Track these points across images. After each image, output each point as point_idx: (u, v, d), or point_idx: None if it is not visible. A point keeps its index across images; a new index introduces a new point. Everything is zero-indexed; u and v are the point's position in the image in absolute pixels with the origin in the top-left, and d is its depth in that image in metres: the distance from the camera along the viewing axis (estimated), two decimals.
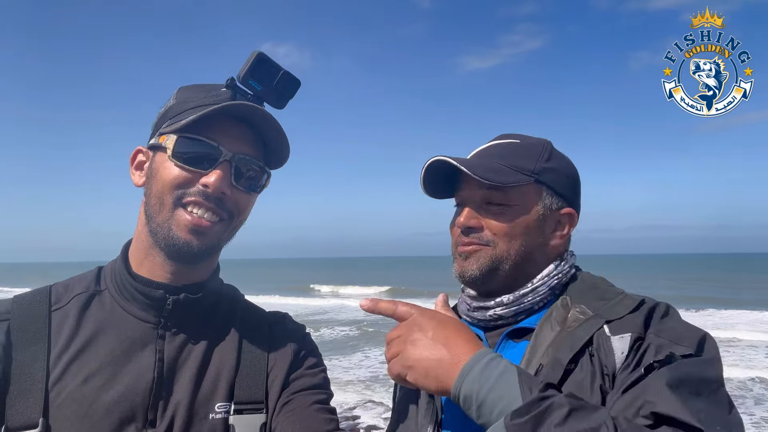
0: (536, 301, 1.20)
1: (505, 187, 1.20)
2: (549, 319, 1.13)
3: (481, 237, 1.21)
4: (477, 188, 1.22)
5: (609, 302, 1.11)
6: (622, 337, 1.01)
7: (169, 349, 1.05)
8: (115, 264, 1.13)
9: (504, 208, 1.21)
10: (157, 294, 1.06)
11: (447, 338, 0.98)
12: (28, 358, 0.99)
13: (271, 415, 1.07)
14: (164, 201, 1.03)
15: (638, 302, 1.09)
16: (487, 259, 1.20)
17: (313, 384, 1.13)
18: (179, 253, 1.05)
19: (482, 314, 1.23)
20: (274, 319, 1.23)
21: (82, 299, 1.08)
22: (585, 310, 1.11)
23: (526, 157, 1.24)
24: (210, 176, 1.02)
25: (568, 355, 1.02)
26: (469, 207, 1.24)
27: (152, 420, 0.99)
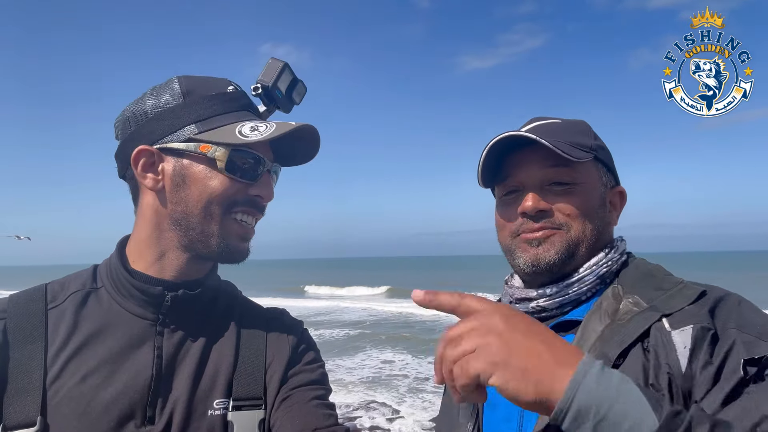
0: (583, 291, 1.12)
1: (574, 164, 1.12)
2: (598, 310, 1.04)
3: (553, 221, 1.13)
4: (539, 168, 1.14)
5: (666, 292, 1.01)
6: (683, 330, 0.91)
7: (168, 345, 1.05)
8: (110, 261, 1.12)
9: (572, 187, 1.13)
10: (156, 291, 1.05)
11: (542, 333, 0.74)
12: (24, 357, 0.99)
13: (270, 411, 1.07)
14: (212, 211, 1.05)
15: (700, 292, 0.98)
16: (564, 243, 1.12)
17: (312, 379, 1.13)
18: (230, 259, 1.10)
19: (525, 306, 1.16)
20: (272, 315, 1.23)
21: (78, 297, 1.08)
22: (639, 301, 1.01)
23: (582, 134, 1.18)
24: (261, 187, 1.09)
25: (617, 351, 0.93)
26: (533, 189, 1.14)
27: (151, 417, 0.99)
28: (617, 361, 0.92)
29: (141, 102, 1.09)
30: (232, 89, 1.11)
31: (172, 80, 1.09)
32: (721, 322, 0.92)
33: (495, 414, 1.11)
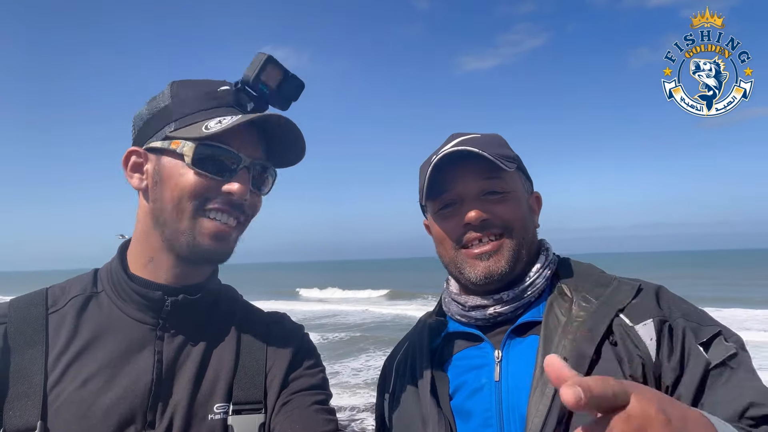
0: (534, 293, 1.19)
1: (504, 174, 1.19)
2: (552, 310, 1.13)
3: (495, 229, 1.19)
4: (474, 180, 1.20)
5: (608, 288, 1.14)
6: (645, 324, 1.04)
7: (168, 350, 1.05)
8: (111, 265, 1.13)
9: (505, 195, 1.20)
10: (156, 295, 1.05)
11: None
12: (25, 362, 0.99)
13: (270, 415, 1.07)
14: (183, 208, 1.03)
15: (637, 287, 1.13)
16: (510, 251, 1.18)
17: (312, 384, 1.13)
18: (204, 258, 1.06)
19: (481, 313, 1.20)
20: (273, 319, 1.22)
21: (79, 301, 1.08)
22: (588, 298, 1.11)
23: (503, 147, 1.26)
24: (233, 184, 1.04)
25: (592, 347, 1.02)
26: (470, 201, 1.20)
27: (151, 421, 0.99)
28: (593, 356, 1.02)
29: (143, 108, 1.12)
30: (223, 89, 1.09)
31: (168, 84, 1.11)
32: (668, 312, 1.07)
33: (470, 422, 1.13)
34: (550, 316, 1.12)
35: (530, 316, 1.17)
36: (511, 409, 1.08)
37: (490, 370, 1.15)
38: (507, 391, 1.10)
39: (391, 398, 1.29)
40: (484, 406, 1.12)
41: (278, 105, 1.14)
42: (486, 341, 1.19)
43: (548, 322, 1.11)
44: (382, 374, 1.39)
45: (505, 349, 1.16)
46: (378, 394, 1.38)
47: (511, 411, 1.08)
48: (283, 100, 1.14)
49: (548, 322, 1.11)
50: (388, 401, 1.31)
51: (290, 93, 1.14)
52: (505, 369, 1.13)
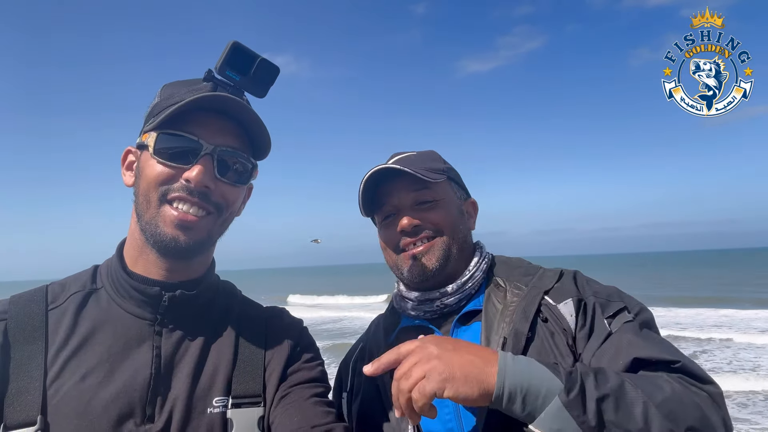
0: (474, 286, 1.35)
1: (432, 184, 1.36)
2: (490, 299, 1.29)
3: (427, 232, 1.35)
4: (406, 193, 1.36)
5: (535, 276, 1.32)
6: (566, 303, 1.21)
7: (166, 345, 1.06)
8: (110, 262, 1.14)
9: (435, 203, 1.37)
10: (153, 291, 1.06)
11: (467, 345, 1.01)
12: (25, 357, 0.99)
13: (269, 409, 1.07)
14: (150, 198, 1.04)
15: (559, 273, 1.31)
16: (440, 249, 1.34)
17: (311, 377, 1.13)
18: (168, 249, 1.05)
19: (429, 306, 1.35)
20: (271, 313, 1.23)
21: (78, 297, 1.08)
22: (519, 286, 1.29)
23: (433, 161, 1.44)
24: (192, 171, 1.03)
25: (527, 326, 1.18)
26: (404, 211, 1.36)
27: (150, 415, 0.99)
28: (528, 335, 1.17)
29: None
30: (203, 85, 1.08)
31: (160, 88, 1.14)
32: (582, 292, 1.23)
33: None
34: (489, 304, 1.28)
35: (472, 306, 1.33)
36: None
37: None
38: None
39: (350, 396, 1.39)
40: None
41: (253, 91, 1.11)
42: (437, 331, 1.32)
43: (488, 310, 1.26)
44: (337, 375, 1.49)
45: (454, 336, 1.28)
46: (334, 395, 1.43)
47: None
48: (258, 86, 1.10)
49: (488, 310, 1.26)
50: (346, 399, 1.39)
51: (264, 78, 1.10)
52: None
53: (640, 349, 1.05)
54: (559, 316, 1.19)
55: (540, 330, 1.18)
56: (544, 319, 1.20)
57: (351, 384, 1.40)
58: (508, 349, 1.14)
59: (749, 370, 10.92)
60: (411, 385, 0.96)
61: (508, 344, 1.15)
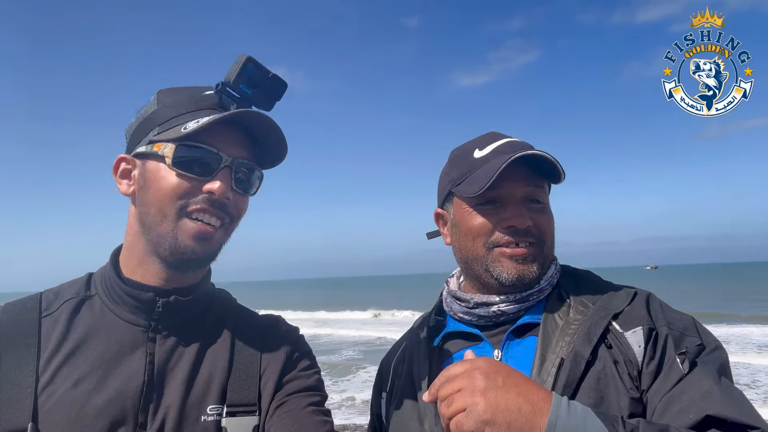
0: (537, 297, 1.22)
1: (545, 185, 1.23)
2: (551, 313, 1.16)
3: (534, 237, 1.20)
4: (524, 185, 1.20)
5: (604, 294, 1.18)
6: (635, 331, 1.08)
7: (160, 351, 1.05)
8: (104, 269, 1.13)
9: (545, 206, 1.24)
10: (147, 297, 1.05)
11: (518, 384, 0.89)
12: (16, 364, 0.99)
13: (265, 417, 1.06)
14: (166, 211, 1.03)
15: (632, 294, 1.17)
16: (542, 259, 1.21)
17: (307, 386, 1.12)
18: (183, 260, 1.05)
19: (485, 310, 1.22)
20: (267, 321, 1.22)
21: (71, 304, 1.08)
22: (585, 303, 1.16)
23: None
24: (214, 183, 1.03)
25: (588, 349, 1.06)
26: (520, 207, 1.20)
27: (143, 423, 0.99)
28: (588, 359, 1.06)
29: (133, 117, 1.14)
30: (208, 93, 1.10)
31: (155, 94, 1.12)
32: (655, 320, 1.10)
33: None
34: (548, 318, 1.16)
35: (529, 318, 1.19)
36: None
37: None
38: None
39: (389, 397, 1.30)
40: None
41: (262, 105, 1.13)
42: (486, 341, 1.20)
43: (546, 324, 1.14)
44: (378, 373, 1.40)
45: (505, 349, 1.17)
46: (374, 393, 1.38)
47: None
48: (266, 100, 1.13)
49: (546, 324, 1.14)
50: (385, 400, 1.31)
51: (272, 93, 1.13)
52: None
53: (716, 404, 0.93)
54: (625, 345, 1.07)
55: (602, 355, 1.07)
56: (608, 345, 1.08)
57: (391, 386, 1.32)
58: (564, 371, 1.04)
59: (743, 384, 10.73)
60: (451, 414, 0.89)
61: (565, 366, 1.05)
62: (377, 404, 1.36)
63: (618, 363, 1.05)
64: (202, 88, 1.11)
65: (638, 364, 1.04)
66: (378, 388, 1.37)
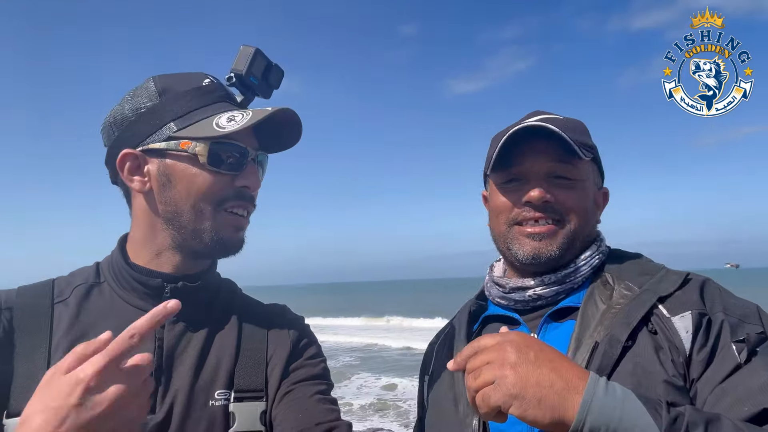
0: (578, 280, 1.17)
1: (576, 161, 1.16)
2: (592, 296, 1.11)
3: (555, 214, 1.17)
4: (546, 160, 1.17)
5: (653, 276, 1.10)
6: (683, 316, 1.00)
7: (169, 337, 1.06)
8: (112, 257, 1.14)
9: (574, 182, 1.18)
10: (155, 282, 1.07)
11: (551, 360, 0.83)
12: (29, 347, 1.00)
13: (271, 404, 1.08)
14: (202, 208, 1.05)
15: (684, 276, 1.08)
16: (563, 237, 1.16)
17: (314, 374, 1.14)
18: (224, 251, 1.11)
19: (521, 295, 1.19)
20: (274, 310, 1.24)
21: (81, 290, 1.09)
22: (630, 286, 1.09)
23: (584, 134, 1.22)
24: (247, 177, 1.08)
25: (626, 332, 0.99)
26: (540, 181, 1.17)
27: (152, 406, 1.00)
28: (626, 343, 0.99)
29: (121, 106, 1.10)
30: (208, 82, 1.10)
31: (147, 81, 1.10)
32: (709, 306, 1.02)
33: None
34: (589, 302, 1.10)
35: (569, 302, 1.15)
36: None
37: None
38: None
39: (430, 380, 1.30)
40: None
41: (263, 94, 1.19)
42: (523, 325, 1.18)
43: (587, 308, 1.09)
44: (423, 358, 1.39)
45: (541, 333, 1.14)
46: (420, 378, 1.38)
47: None
48: (267, 89, 1.19)
49: (587, 308, 1.09)
50: (427, 383, 1.31)
51: (275, 82, 1.20)
52: None
53: None
54: (671, 330, 0.99)
55: (643, 340, 1.00)
56: (652, 330, 1.00)
57: (432, 370, 1.31)
58: (598, 355, 0.98)
59: None
60: (478, 386, 0.84)
61: (599, 350, 0.99)
62: (420, 389, 1.36)
63: (661, 349, 0.98)
64: (199, 76, 1.11)
65: (685, 351, 0.97)
66: (422, 373, 1.37)
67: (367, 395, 12.59)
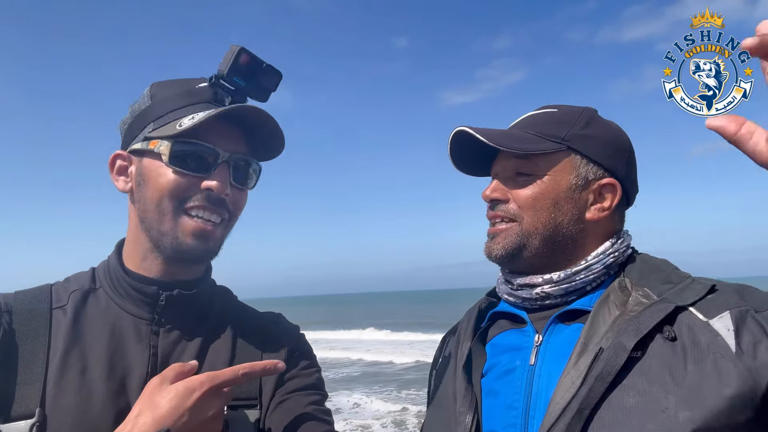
0: (589, 280, 1.11)
1: (531, 156, 1.13)
2: (606, 301, 1.04)
3: (507, 210, 1.15)
4: (506, 158, 1.17)
5: (676, 285, 1.02)
6: (721, 317, 0.93)
7: (163, 344, 1.06)
8: (108, 262, 1.14)
9: (532, 177, 1.14)
10: (151, 290, 1.06)
11: None
12: (28, 351, 1.00)
13: (265, 412, 1.07)
14: (164, 208, 1.03)
15: (710, 286, 1.00)
16: (513, 236, 1.13)
17: (308, 384, 1.13)
18: (184, 258, 1.06)
19: (528, 292, 1.14)
20: (269, 318, 1.23)
21: (78, 296, 1.09)
22: (648, 294, 1.02)
23: (559, 124, 1.16)
24: (212, 179, 1.03)
25: (633, 340, 0.93)
26: (498, 179, 1.18)
27: None
28: (634, 354, 0.93)
29: (127, 111, 1.13)
30: (201, 86, 1.08)
31: (147, 87, 1.12)
32: (756, 304, 0.94)
33: (496, 401, 1.10)
34: (602, 306, 1.03)
35: (581, 304, 1.09)
36: (540, 394, 1.04)
37: (526, 353, 1.10)
38: (539, 376, 1.06)
39: (436, 375, 1.30)
40: (512, 388, 1.09)
41: (256, 97, 1.11)
42: (529, 324, 1.14)
43: (599, 312, 1.02)
44: (436, 352, 1.38)
45: (547, 335, 1.10)
46: (429, 373, 1.37)
47: (540, 396, 1.04)
48: (261, 91, 1.11)
49: (599, 312, 1.02)
50: (433, 378, 1.31)
51: (267, 84, 1.11)
52: (542, 354, 1.08)
53: None
54: (710, 335, 0.91)
55: (659, 350, 0.93)
56: (670, 337, 0.93)
57: (439, 363, 1.31)
58: (601, 362, 0.93)
59: None
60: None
61: (603, 356, 0.94)
62: (429, 383, 1.35)
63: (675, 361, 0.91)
64: (197, 81, 1.10)
65: (729, 349, 0.89)
66: (433, 365, 1.37)
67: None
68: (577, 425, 0.92)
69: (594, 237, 1.15)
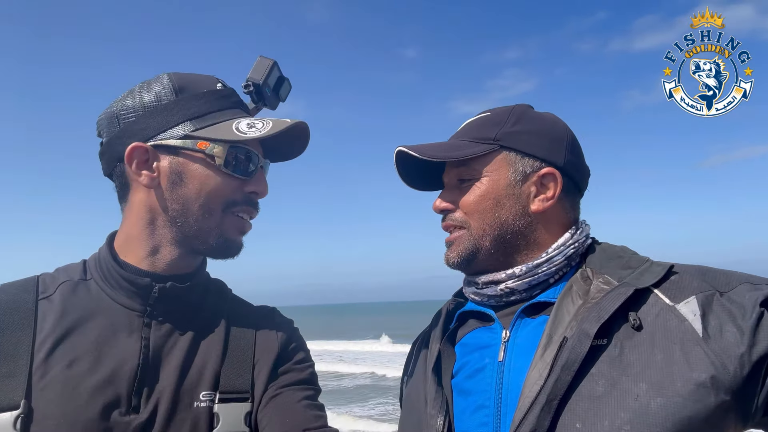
0: (552, 272, 1.12)
1: (468, 161, 1.15)
2: (569, 291, 1.06)
3: (456, 218, 1.18)
4: (450, 169, 1.20)
5: (635, 270, 1.04)
6: (687, 302, 0.95)
7: (155, 336, 1.05)
8: (99, 254, 1.13)
9: (472, 182, 1.16)
10: (144, 282, 1.06)
11: None
12: (12, 343, 0.99)
13: (257, 407, 1.07)
14: (211, 209, 1.06)
15: (668, 268, 1.03)
16: (466, 242, 1.16)
17: (301, 379, 1.13)
18: (225, 253, 1.12)
19: (493, 289, 1.15)
20: (263, 312, 1.23)
21: (67, 286, 1.08)
22: (609, 280, 1.04)
23: (490, 126, 1.18)
24: (258, 184, 1.11)
25: (595, 326, 0.94)
26: (445, 189, 1.22)
27: (136, 406, 0.99)
28: (599, 341, 0.95)
29: (129, 98, 1.08)
30: (220, 86, 1.12)
31: (161, 76, 1.09)
32: (719, 285, 0.97)
33: (468, 401, 1.10)
34: (566, 297, 1.05)
35: (545, 297, 1.11)
36: (511, 390, 1.04)
37: (495, 350, 1.11)
38: (509, 371, 1.06)
39: (408, 379, 1.30)
40: (482, 386, 1.09)
41: (270, 105, 1.23)
42: (497, 321, 1.15)
43: (562, 303, 1.04)
44: (407, 358, 1.38)
45: (514, 330, 1.11)
46: (401, 378, 1.38)
47: (510, 392, 1.04)
48: (276, 101, 1.24)
49: (562, 303, 1.04)
50: (405, 383, 1.32)
51: (284, 95, 1.26)
52: (510, 350, 1.09)
53: None
54: (676, 320, 0.93)
55: (626, 336, 0.95)
56: (636, 326, 0.95)
57: (410, 368, 1.31)
58: (566, 351, 0.94)
59: None
60: None
61: (567, 345, 0.95)
62: (401, 388, 1.36)
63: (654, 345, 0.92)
64: (212, 79, 1.13)
65: (698, 333, 0.91)
66: (404, 372, 1.37)
67: None
68: (547, 417, 0.93)
69: (546, 228, 1.16)
